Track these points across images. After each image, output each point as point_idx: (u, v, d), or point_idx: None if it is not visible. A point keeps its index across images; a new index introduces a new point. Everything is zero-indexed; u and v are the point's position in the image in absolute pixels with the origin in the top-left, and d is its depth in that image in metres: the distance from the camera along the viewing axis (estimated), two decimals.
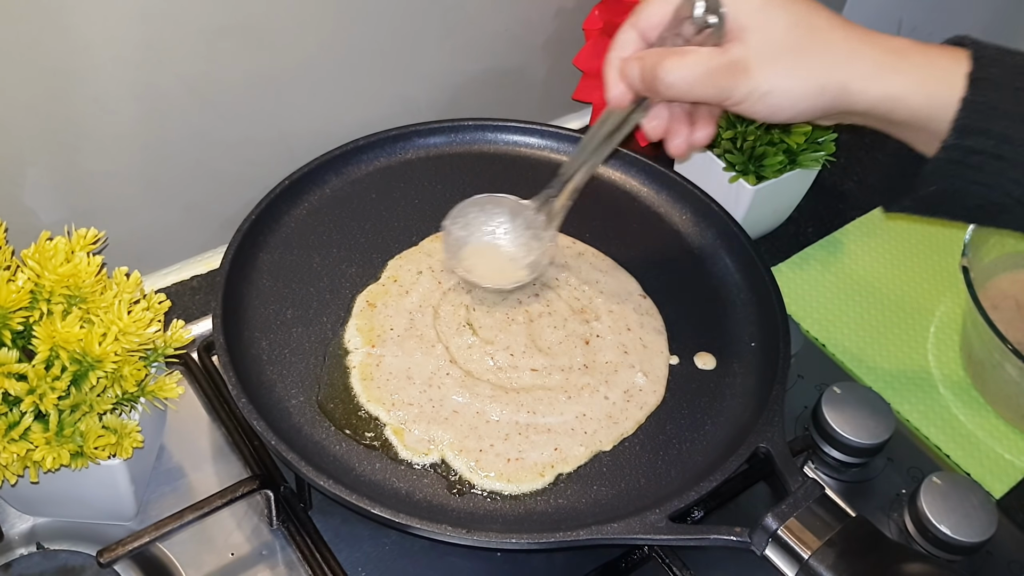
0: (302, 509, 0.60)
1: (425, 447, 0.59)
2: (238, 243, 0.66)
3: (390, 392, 0.62)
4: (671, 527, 0.54)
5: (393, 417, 0.61)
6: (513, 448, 0.60)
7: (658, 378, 0.65)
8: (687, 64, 0.50)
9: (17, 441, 0.51)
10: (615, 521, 0.54)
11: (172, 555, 0.59)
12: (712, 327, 0.68)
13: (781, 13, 0.49)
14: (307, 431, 0.60)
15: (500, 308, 0.67)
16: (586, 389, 0.63)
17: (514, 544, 0.54)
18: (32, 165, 0.63)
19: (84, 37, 0.59)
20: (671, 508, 0.55)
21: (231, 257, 0.65)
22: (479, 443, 0.60)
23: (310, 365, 0.63)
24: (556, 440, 0.60)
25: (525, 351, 0.64)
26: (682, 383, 0.65)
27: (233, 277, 0.65)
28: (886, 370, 0.75)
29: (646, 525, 0.54)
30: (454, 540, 0.53)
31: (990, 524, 0.60)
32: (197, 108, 0.67)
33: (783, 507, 0.53)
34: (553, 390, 0.63)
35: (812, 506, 0.53)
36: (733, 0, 0.49)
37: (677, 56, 0.50)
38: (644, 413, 0.63)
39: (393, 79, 0.77)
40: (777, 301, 0.67)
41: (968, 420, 0.72)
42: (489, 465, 0.59)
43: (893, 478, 0.67)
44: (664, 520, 0.54)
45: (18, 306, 0.51)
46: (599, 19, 0.82)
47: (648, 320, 0.68)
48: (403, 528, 0.53)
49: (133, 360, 0.54)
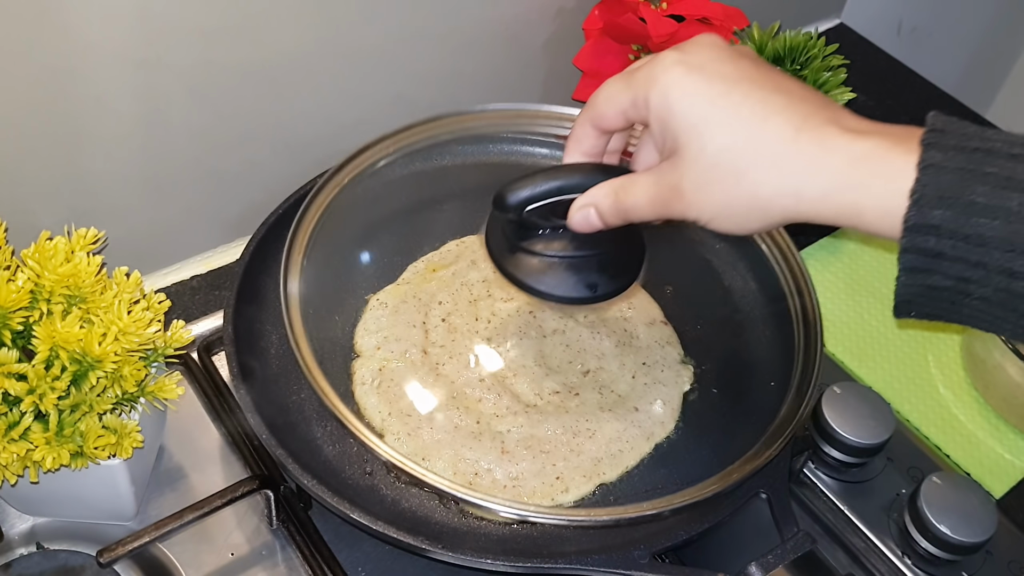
0: (302, 509, 0.60)
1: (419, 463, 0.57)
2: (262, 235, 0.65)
3: (388, 401, 0.60)
4: (653, 565, 0.53)
5: (389, 427, 0.59)
6: (512, 474, 0.58)
7: (671, 410, 0.62)
8: (637, 192, 0.46)
9: (17, 441, 0.50)
10: (598, 553, 0.53)
11: (172, 555, 0.59)
12: (733, 361, 0.66)
13: (719, 132, 0.42)
14: (302, 429, 0.59)
15: (514, 321, 0.65)
16: (596, 416, 0.60)
17: (489, 565, 0.52)
18: (32, 164, 0.63)
19: (84, 37, 0.59)
20: (657, 546, 0.53)
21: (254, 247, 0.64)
22: (475, 466, 0.58)
23: None
24: (558, 469, 0.58)
25: (535, 371, 0.62)
26: (694, 417, 0.63)
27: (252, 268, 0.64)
28: (886, 370, 0.75)
29: (628, 560, 0.53)
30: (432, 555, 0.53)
31: (990, 524, 0.60)
32: (197, 108, 0.67)
33: (770, 557, 0.52)
34: (561, 415, 0.60)
35: (800, 560, 0.52)
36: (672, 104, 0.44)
37: (629, 184, 0.47)
38: (651, 444, 0.61)
39: (393, 79, 0.77)
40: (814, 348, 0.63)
41: (968, 420, 0.72)
42: (484, 489, 0.57)
43: (893, 478, 0.67)
44: (647, 557, 0.53)
45: (18, 306, 0.51)
46: (599, 19, 0.82)
47: (668, 349, 0.65)
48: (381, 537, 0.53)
49: (133, 360, 0.54)
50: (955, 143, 0.39)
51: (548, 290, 0.53)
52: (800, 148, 0.41)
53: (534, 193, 0.50)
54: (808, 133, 0.41)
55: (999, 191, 0.38)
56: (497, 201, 0.51)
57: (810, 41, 0.74)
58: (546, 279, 0.53)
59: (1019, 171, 0.38)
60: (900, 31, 1.22)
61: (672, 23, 0.77)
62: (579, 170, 0.50)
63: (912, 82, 1.04)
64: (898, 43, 1.20)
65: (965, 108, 1.01)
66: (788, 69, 0.73)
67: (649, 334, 0.66)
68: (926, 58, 1.14)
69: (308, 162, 0.73)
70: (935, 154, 0.39)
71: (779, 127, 0.42)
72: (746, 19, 0.80)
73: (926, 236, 0.39)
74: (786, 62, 0.73)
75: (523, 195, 0.50)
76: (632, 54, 0.84)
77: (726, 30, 0.79)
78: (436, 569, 0.59)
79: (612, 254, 0.53)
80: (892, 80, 1.04)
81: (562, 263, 0.53)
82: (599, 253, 0.53)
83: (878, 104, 0.99)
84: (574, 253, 0.52)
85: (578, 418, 0.61)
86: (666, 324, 0.67)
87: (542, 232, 0.52)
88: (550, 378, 0.62)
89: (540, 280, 0.53)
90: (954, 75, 1.33)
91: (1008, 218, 0.38)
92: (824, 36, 0.75)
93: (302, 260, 0.62)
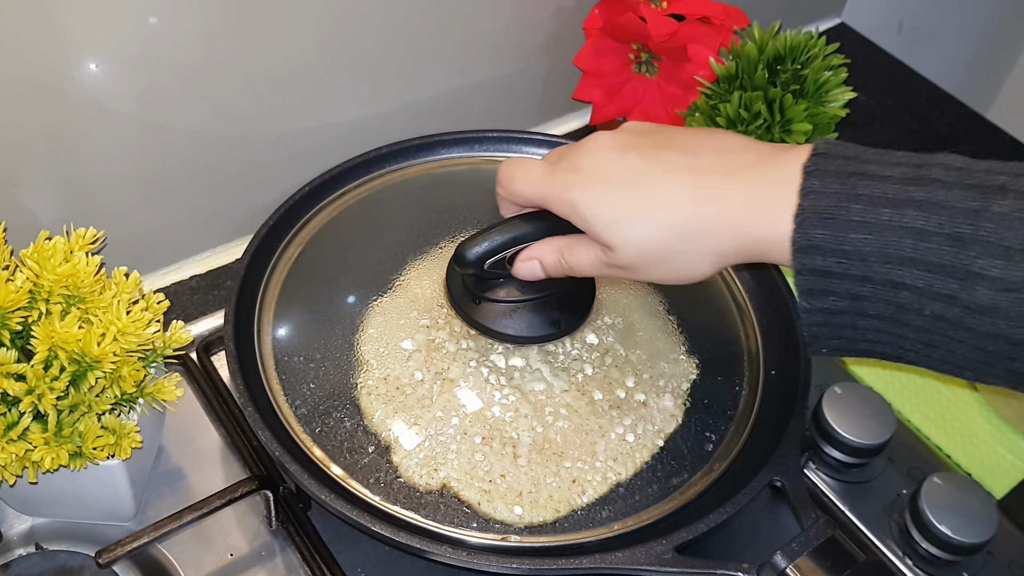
0: (301, 510, 0.60)
1: (430, 474, 0.56)
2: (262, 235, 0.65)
3: (395, 411, 0.59)
4: (677, 559, 0.52)
5: (397, 439, 0.58)
6: (527, 481, 0.57)
7: (680, 402, 0.62)
8: (579, 257, 0.52)
9: (16, 441, 0.50)
10: (620, 551, 0.53)
11: (171, 556, 0.59)
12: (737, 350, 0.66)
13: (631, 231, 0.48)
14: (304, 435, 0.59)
15: None
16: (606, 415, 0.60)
17: (515, 569, 0.52)
18: (31, 164, 0.63)
19: (84, 37, 0.59)
20: (678, 539, 0.53)
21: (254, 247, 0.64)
22: (489, 474, 0.57)
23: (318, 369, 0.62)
24: (573, 471, 0.57)
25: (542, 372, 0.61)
26: (700, 408, 0.62)
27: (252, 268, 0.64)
28: (886, 370, 0.75)
29: (652, 556, 0.52)
30: (455, 563, 0.52)
31: (991, 524, 0.60)
32: (197, 108, 0.67)
33: (794, 545, 0.52)
34: (571, 416, 0.60)
35: (824, 546, 0.52)
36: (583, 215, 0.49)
37: (575, 245, 0.52)
38: (662, 438, 0.60)
39: (392, 78, 0.77)
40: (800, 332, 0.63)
41: (969, 420, 0.72)
42: (499, 498, 0.56)
43: (894, 478, 0.67)
44: (670, 552, 0.53)
45: (17, 306, 0.51)
46: (599, 18, 0.82)
47: (672, 342, 0.65)
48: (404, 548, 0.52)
49: (132, 360, 0.53)
50: (834, 168, 0.43)
51: (517, 333, 0.59)
52: (702, 215, 0.46)
53: (492, 247, 0.54)
54: (704, 199, 0.46)
55: (871, 208, 0.42)
56: (458, 258, 0.55)
57: (811, 40, 0.73)
58: (513, 323, 0.59)
59: (890, 191, 0.42)
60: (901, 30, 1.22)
61: (672, 22, 0.77)
62: (530, 220, 0.54)
63: (913, 82, 1.04)
64: (899, 43, 1.20)
65: (966, 108, 1.01)
66: (789, 68, 0.73)
67: (653, 327, 0.66)
68: (927, 58, 1.14)
69: (308, 162, 0.73)
70: (814, 181, 0.43)
71: (678, 207, 0.47)
72: (746, 18, 0.80)
73: (812, 256, 0.43)
74: (786, 61, 0.73)
75: (482, 249, 0.54)
76: (632, 53, 0.84)
77: (726, 29, 0.79)
78: (435, 570, 0.59)
79: (568, 290, 0.59)
80: (893, 80, 1.04)
81: (524, 306, 0.58)
82: (557, 292, 0.58)
83: (879, 104, 0.98)
84: (534, 295, 0.58)
85: (588, 418, 0.60)
86: (670, 316, 0.67)
87: (501, 280, 0.58)
88: (558, 378, 0.62)
89: (507, 325, 0.59)
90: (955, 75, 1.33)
91: (881, 231, 0.42)
92: (825, 35, 0.75)
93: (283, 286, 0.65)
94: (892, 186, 0.42)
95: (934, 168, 0.42)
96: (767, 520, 0.63)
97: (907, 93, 1.03)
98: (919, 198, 0.41)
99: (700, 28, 0.78)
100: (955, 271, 0.41)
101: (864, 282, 0.43)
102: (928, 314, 0.42)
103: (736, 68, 0.74)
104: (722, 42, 0.78)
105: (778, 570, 0.52)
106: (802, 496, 0.56)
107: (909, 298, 0.42)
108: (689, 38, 0.78)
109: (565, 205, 0.50)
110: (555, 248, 0.53)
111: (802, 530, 0.53)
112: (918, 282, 0.42)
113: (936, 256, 0.41)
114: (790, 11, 1.04)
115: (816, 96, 0.73)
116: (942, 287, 0.41)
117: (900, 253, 0.41)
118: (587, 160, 0.50)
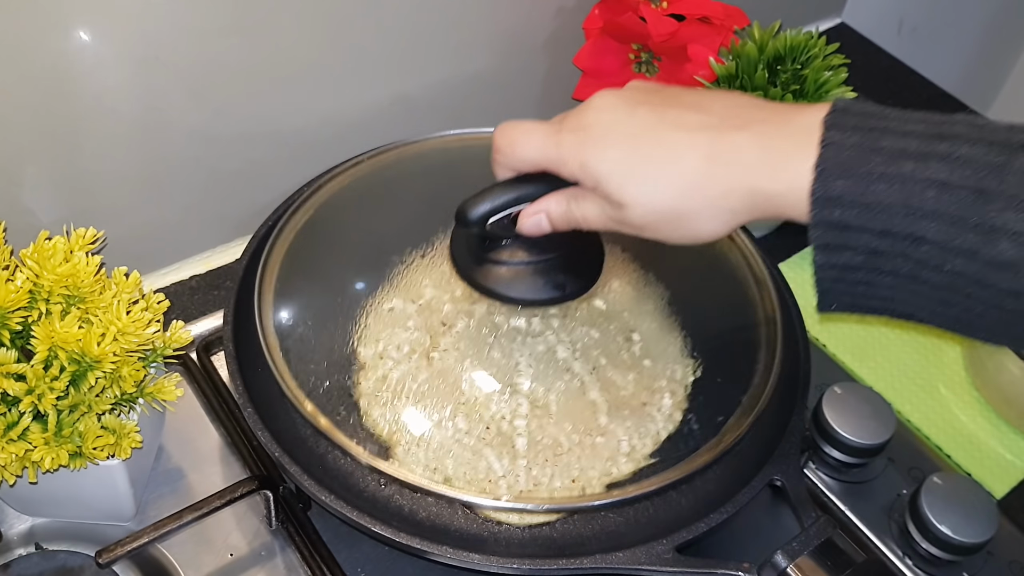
0: (301, 510, 0.60)
1: (430, 473, 0.56)
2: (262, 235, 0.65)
3: (395, 410, 0.59)
4: (677, 559, 0.53)
5: (397, 438, 0.58)
6: (526, 479, 0.57)
7: (678, 401, 0.62)
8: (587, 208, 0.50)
9: (16, 441, 0.50)
10: (620, 550, 0.53)
11: (171, 556, 0.59)
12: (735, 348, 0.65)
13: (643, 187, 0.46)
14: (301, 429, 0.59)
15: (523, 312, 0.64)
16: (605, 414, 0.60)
17: (515, 570, 0.52)
18: (31, 164, 0.63)
19: (84, 37, 0.59)
20: (679, 539, 0.53)
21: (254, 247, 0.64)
22: (488, 473, 0.57)
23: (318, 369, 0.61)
24: (572, 470, 0.57)
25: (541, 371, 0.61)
26: (701, 406, 0.62)
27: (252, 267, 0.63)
28: (887, 370, 0.75)
29: (652, 556, 0.52)
30: (456, 563, 0.52)
31: (991, 524, 0.60)
32: (197, 107, 0.67)
33: (794, 544, 0.52)
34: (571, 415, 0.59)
35: (824, 545, 0.52)
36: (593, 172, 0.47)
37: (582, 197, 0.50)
38: (661, 437, 0.60)
39: (392, 78, 0.77)
40: (800, 329, 0.64)
41: (969, 420, 0.72)
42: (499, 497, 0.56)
43: (894, 478, 0.67)
44: (671, 551, 0.53)
45: (17, 306, 0.51)
46: (599, 18, 0.82)
47: (670, 340, 0.65)
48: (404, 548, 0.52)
49: (132, 360, 0.53)
50: (854, 123, 0.42)
51: (520, 295, 0.56)
52: (715, 173, 0.45)
53: (495, 205, 0.52)
54: (717, 154, 0.45)
55: (893, 160, 0.41)
56: (459, 216, 0.53)
57: (811, 40, 0.73)
58: (516, 285, 0.56)
59: (912, 145, 0.41)
60: (901, 30, 1.22)
61: (672, 22, 0.77)
62: (534, 180, 0.52)
63: (913, 81, 1.04)
64: (899, 42, 1.20)
65: (966, 107, 1.01)
66: (789, 68, 0.73)
67: (651, 327, 0.66)
68: (927, 57, 1.14)
69: (308, 162, 0.73)
70: (835, 133, 0.42)
71: (691, 165, 0.45)
72: (746, 18, 0.80)
73: (831, 208, 0.42)
74: (786, 61, 0.73)
75: (484, 208, 0.52)
76: (632, 53, 0.84)
77: (726, 29, 0.79)
78: (435, 570, 0.59)
79: (574, 254, 0.57)
80: (893, 79, 1.04)
81: (528, 268, 0.56)
82: (562, 255, 0.56)
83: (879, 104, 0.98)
84: (539, 257, 0.56)
85: (587, 417, 0.60)
86: (668, 316, 0.67)
87: (505, 242, 0.56)
88: (557, 378, 0.62)
89: (511, 287, 0.56)
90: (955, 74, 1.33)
91: (904, 182, 0.40)
92: (825, 35, 0.75)
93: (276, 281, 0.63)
94: (914, 140, 0.41)
95: (956, 125, 0.42)
96: (767, 520, 0.63)
97: (907, 93, 1.03)
98: (942, 151, 0.40)
99: (700, 28, 0.78)
100: (979, 225, 0.40)
101: (883, 236, 0.42)
102: (948, 270, 0.41)
103: (736, 68, 0.74)
104: (722, 42, 0.78)
105: (779, 570, 0.52)
106: (802, 496, 0.56)
107: (929, 252, 0.41)
108: (689, 38, 0.78)
109: (574, 165, 0.48)
110: (564, 198, 0.51)
111: (802, 529, 0.53)
112: (940, 236, 0.40)
113: (959, 209, 0.40)
114: (790, 11, 1.04)
115: (816, 96, 0.73)
116: (963, 242, 0.40)
117: (923, 206, 0.40)
118: (595, 117, 0.48)
